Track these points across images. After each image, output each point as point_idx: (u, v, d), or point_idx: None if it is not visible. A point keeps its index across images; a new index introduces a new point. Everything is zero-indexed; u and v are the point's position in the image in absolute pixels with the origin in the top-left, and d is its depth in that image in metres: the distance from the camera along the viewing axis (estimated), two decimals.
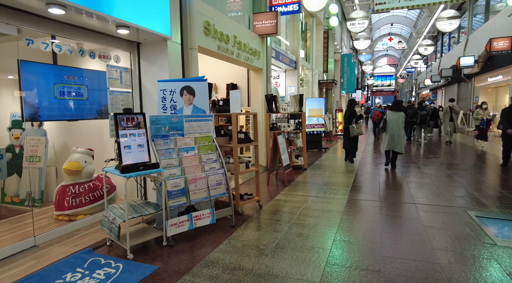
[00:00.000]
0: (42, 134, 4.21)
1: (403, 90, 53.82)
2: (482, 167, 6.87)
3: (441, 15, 17.64)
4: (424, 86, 32.52)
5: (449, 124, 11.23)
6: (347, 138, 7.61)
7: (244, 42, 6.13)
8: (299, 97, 6.97)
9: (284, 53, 9.14)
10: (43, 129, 4.23)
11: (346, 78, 22.24)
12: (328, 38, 14.73)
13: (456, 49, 21.51)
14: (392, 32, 38.59)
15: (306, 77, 13.36)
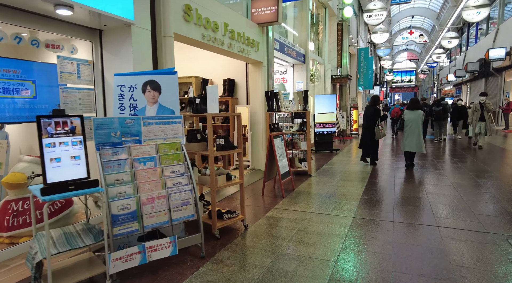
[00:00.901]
0: (3, 137, 3.63)
1: (424, 86, 51.48)
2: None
3: (468, 3, 16.23)
4: (447, 81, 30.65)
5: (479, 125, 9.14)
6: (366, 140, 7.01)
7: (238, 31, 5.37)
8: (303, 94, 6.15)
9: (291, 46, 8.30)
10: (5, 132, 3.64)
11: (363, 74, 21.06)
12: (342, 31, 13.72)
13: (484, 41, 19.88)
14: (413, 25, 36.68)
15: (318, 72, 12.44)
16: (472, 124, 9.38)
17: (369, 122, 6.98)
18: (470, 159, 7.64)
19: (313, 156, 8.81)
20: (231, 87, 6.64)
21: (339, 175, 6.20)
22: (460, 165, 6.94)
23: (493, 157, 7.83)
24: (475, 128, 9.26)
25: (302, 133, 6.32)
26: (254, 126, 6.62)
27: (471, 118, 9.40)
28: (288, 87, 9.83)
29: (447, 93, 35.82)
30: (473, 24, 24.19)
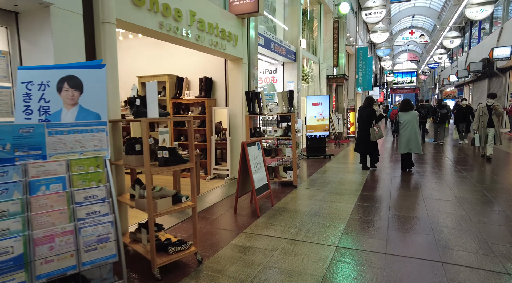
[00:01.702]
0: None
1: (425, 87, 50.73)
2: None
3: (471, 1, 15.53)
4: (448, 82, 29.92)
5: (487, 132, 7.55)
6: (363, 142, 6.75)
7: (210, 21, 4.65)
8: (288, 94, 5.43)
9: (279, 42, 7.59)
10: None
11: (362, 74, 20.32)
12: (338, 28, 13.01)
13: (487, 40, 19.14)
14: (413, 25, 35.96)
15: (313, 72, 11.73)
16: (479, 131, 7.72)
17: (365, 124, 6.66)
18: (476, 168, 6.90)
19: (304, 162, 8.09)
20: (209, 86, 5.92)
21: (329, 185, 5.48)
22: (465, 174, 6.20)
23: (501, 165, 7.09)
24: (482, 137, 7.68)
25: (288, 138, 5.59)
26: (234, 130, 5.90)
27: (477, 123, 7.72)
28: (278, 87, 9.11)
29: (448, 95, 35.09)
30: (475, 23, 23.48)
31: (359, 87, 20.78)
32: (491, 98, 7.56)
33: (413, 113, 6.42)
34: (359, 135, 6.95)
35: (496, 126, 7.48)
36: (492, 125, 7.53)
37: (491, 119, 7.51)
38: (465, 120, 10.75)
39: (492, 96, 7.60)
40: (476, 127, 7.80)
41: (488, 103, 7.58)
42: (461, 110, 10.85)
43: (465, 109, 10.78)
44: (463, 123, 10.89)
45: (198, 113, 6.03)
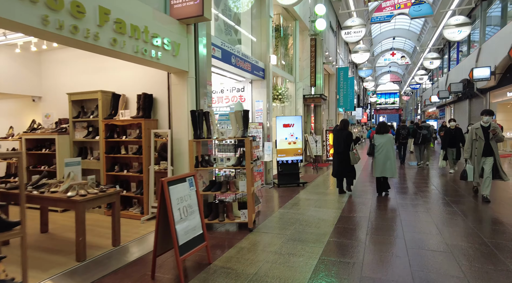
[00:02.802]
0: None
1: (408, 108, 51.32)
2: None
3: (449, 22, 15.40)
4: (430, 103, 29.99)
5: (483, 163, 5.62)
6: (340, 166, 6.55)
7: (136, 24, 3.68)
8: (242, 114, 4.44)
9: (242, 56, 6.71)
10: None
11: (343, 94, 19.87)
12: (315, 46, 12.40)
13: (466, 61, 19.09)
14: (394, 47, 36.54)
15: (288, 91, 10.93)
16: (472, 161, 5.78)
17: (344, 147, 6.47)
18: (467, 200, 5.98)
19: (275, 191, 7.03)
20: (148, 105, 4.88)
21: (293, 227, 4.41)
22: (455, 208, 5.26)
23: (501, 197, 6.21)
24: (477, 169, 5.71)
25: (240, 168, 4.55)
26: (178, 158, 4.83)
27: (469, 151, 5.81)
28: (247, 107, 8.17)
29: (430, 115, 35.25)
30: (453, 45, 23.70)
31: (340, 107, 20.25)
32: (487, 116, 5.60)
33: (388, 136, 6.34)
34: (336, 159, 6.70)
35: (496, 155, 5.52)
36: (491, 154, 5.52)
37: (489, 145, 5.54)
38: (454, 145, 8.90)
39: (488, 113, 5.64)
40: (468, 156, 5.84)
41: (484, 124, 5.63)
42: (449, 133, 9.02)
43: (454, 131, 8.93)
44: (452, 148, 8.97)
45: (136, 136, 4.95)
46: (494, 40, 15.03)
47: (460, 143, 8.76)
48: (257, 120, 8.03)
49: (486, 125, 5.60)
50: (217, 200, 5.16)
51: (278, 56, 10.62)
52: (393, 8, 16.97)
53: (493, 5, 16.12)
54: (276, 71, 9.55)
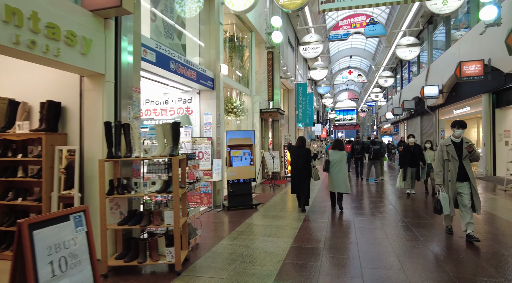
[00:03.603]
0: None
1: (365, 124, 53.51)
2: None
3: (401, 42, 16.00)
4: (385, 119, 31.26)
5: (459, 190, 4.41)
6: (299, 182, 6.52)
7: (18, 7, 2.78)
8: (171, 127, 3.63)
9: (184, 63, 5.94)
10: None
11: (302, 110, 19.77)
12: (273, 60, 12.02)
13: (416, 80, 20.05)
14: (351, 65, 38.05)
15: (244, 104, 10.30)
16: (445, 188, 4.50)
17: (304, 164, 6.51)
18: (428, 222, 5.59)
19: (224, 215, 6.19)
20: (54, 115, 3.88)
21: (233, 267, 3.59)
22: (416, 234, 4.79)
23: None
24: (452, 198, 4.42)
25: (167, 193, 3.68)
26: (90, 182, 3.84)
27: (441, 174, 4.54)
28: (194, 120, 7.35)
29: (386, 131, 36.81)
30: (405, 65, 25.00)
31: (300, 123, 20.11)
32: (460, 129, 4.37)
33: (342, 153, 6.60)
34: (295, 177, 6.64)
35: (471, 179, 4.34)
36: (466, 178, 4.34)
37: (463, 166, 4.34)
38: (414, 164, 7.94)
39: (461, 126, 4.38)
40: (440, 181, 4.53)
41: (455, 139, 4.43)
42: (408, 150, 8.03)
43: (413, 149, 8.00)
44: (412, 168, 8.00)
45: (37, 154, 3.90)
46: (440, 61, 15.83)
47: (420, 161, 7.92)
48: (206, 135, 7.22)
49: (458, 141, 4.42)
50: (145, 232, 4.23)
51: (233, 67, 10.02)
52: (350, 27, 17.35)
53: (438, 29, 17.11)
54: (229, 83, 8.89)
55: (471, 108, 13.56)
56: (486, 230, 4.87)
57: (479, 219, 5.44)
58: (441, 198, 4.46)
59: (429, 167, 7.90)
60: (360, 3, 7.76)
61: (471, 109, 13.59)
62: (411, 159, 7.95)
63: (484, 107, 11.67)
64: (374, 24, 16.45)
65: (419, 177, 8.00)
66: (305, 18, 17.50)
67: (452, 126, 4.51)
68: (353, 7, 7.88)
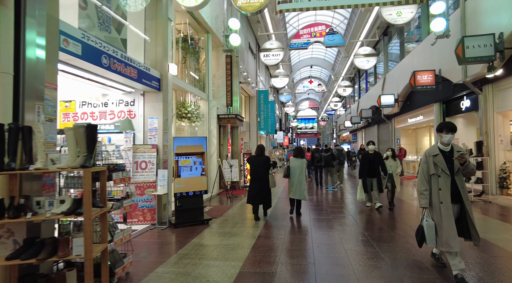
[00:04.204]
0: None
1: (325, 132, 54.92)
2: None
3: (359, 52, 16.36)
4: (344, 128, 32.11)
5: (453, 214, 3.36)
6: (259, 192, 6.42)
7: None
8: (85, 132, 2.87)
9: (121, 58, 5.16)
10: None
11: (264, 117, 19.46)
12: (231, 64, 11.50)
13: (373, 90, 20.71)
14: (312, 75, 38.91)
15: (199, 109, 9.60)
16: (432, 210, 3.49)
17: (264, 172, 6.48)
18: (387, 236, 5.28)
19: (169, 234, 5.41)
20: None
21: None
22: (381, 255, 4.42)
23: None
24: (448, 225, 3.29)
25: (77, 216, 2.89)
26: None
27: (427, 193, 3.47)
28: (137, 125, 6.52)
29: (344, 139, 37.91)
30: (362, 75, 25.89)
31: (261, 130, 19.76)
32: (450, 133, 3.34)
33: (302, 161, 6.73)
34: (255, 185, 6.46)
35: (465, 200, 3.36)
36: (459, 200, 3.37)
37: (455, 183, 3.35)
38: (374, 174, 7.22)
39: (450, 129, 3.34)
40: (426, 203, 3.44)
41: (443, 148, 3.42)
42: (367, 158, 7.31)
43: (373, 157, 7.28)
44: (372, 177, 7.28)
45: None
46: (395, 71, 16.39)
47: (378, 168, 7.22)
48: (151, 141, 6.42)
49: (448, 149, 3.37)
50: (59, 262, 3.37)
51: (187, 70, 9.32)
52: (310, 36, 17.46)
53: (393, 41, 17.80)
54: (182, 85, 8.18)
55: (424, 117, 14.05)
56: None
57: None
58: (425, 225, 3.41)
59: (390, 178, 7.27)
60: (317, 5, 7.53)
61: (424, 118, 14.08)
62: (370, 168, 7.28)
63: (435, 116, 12.08)
64: (334, 34, 16.69)
65: (381, 188, 7.21)
66: (266, 24, 17.31)
67: (438, 130, 3.46)
68: (310, 8, 7.63)
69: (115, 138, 6.53)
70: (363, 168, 7.42)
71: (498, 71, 7.35)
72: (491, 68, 7.27)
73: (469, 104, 9.83)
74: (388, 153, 7.46)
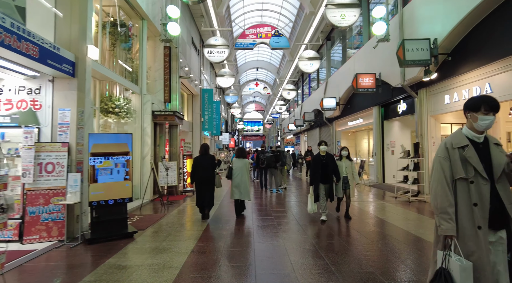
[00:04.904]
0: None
1: (270, 135, 55.68)
2: None
3: (303, 55, 16.46)
4: (288, 131, 32.61)
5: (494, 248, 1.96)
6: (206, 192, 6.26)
7: None
8: None
9: (16, 30, 3.97)
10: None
11: (208, 117, 18.57)
12: (170, 57, 10.46)
13: (316, 94, 21.17)
14: (258, 78, 38.99)
15: (130, 104, 8.43)
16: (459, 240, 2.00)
17: (210, 171, 6.34)
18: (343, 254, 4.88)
19: (81, 252, 4.31)
20: None
21: None
22: (329, 266, 3.95)
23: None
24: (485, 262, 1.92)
25: None
26: None
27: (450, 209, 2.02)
28: (44, 118, 5.25)
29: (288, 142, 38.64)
30: (306, 80, 26.48)
31: (205, 131, 18.83)
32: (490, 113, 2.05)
33: (245, 161, 6.69)
34: (201, 188, 6.28)
35: None
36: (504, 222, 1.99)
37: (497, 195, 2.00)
38: (328, 180, 6.08)
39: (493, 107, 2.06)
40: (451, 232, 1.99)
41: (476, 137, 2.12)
42: (319, 161, 6.07)
43: (325, 159, 6.09)
44: (326, 184, 6.10)
45: None
46: (337, 75, 16.83)
47: (331, 173, 6.10)
48: (61, 139, 5.20)
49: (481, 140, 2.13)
50: None
51: (115, 57, 8.10)
52: (256, 36, 17.09)
53: (336, 46, 18.33)
54: (108, 75, 7.00)
55: (363, 120, 14.54)
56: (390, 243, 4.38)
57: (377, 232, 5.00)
58: (454, 269, 1.92)
59: (345, 181, 6.40)
60: None
61: (363, 121, 14.57)
62: (323, 173, 6.05)
63: (374, 119, 12.49)
64: (279, 36, 16.55)
65: (332, 196, 6.13)
66: (210, 20, 16.50)
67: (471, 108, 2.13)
68: None
69: (11, 134, 5.17)
70: (315, 172, 6.10)
71: (433, 75, 7.61)
72: (427, 72, 7.49)
73: (405, 108, 10.25)
74: (343, 153, 6.63)
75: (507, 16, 6.02)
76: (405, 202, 8.18)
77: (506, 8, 6.04)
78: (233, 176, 6.58)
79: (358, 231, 5.26)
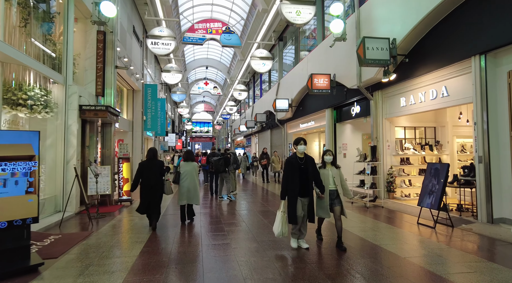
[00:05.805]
0: None
1: (220, 137, 54.49)
2: None
3: (255, 53, 15.81)
4: (239, 132, 31.88)
5: None
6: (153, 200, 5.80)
7: None
8: None
9: None
10: None
11: (151, 116, 16.93)
12: (105, 43, 8.93)
13: (268, 95, 20.74)
14: (208, 77, 37.66)
15: (49, 96, 6.84)
16: None
17: (158, 178, 5.92)
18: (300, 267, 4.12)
19: None
20: None
21: None
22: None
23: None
24: None
25: None
26: None
27: None
28: None
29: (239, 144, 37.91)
30: (257, 81, 26.01)
31: (148, 131, 17.16)
32: None
33: (193, 164, 6.43)
34: (147, 195, 5.84)
35: None
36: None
37: None
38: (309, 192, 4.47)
39: None
40: None
41: None
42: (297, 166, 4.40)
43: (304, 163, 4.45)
44: (304, 197, 4.42)
45: None
46: (289, 77, 16.50)
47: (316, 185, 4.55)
48: None
49: None
50: None
51: (28, 37, 6.48)
52: (205, 32, 16.03)
53: (288, 47, 18.04)
54: (15, 56, 5.45)
55: (315, 123, 14.33)
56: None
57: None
58: None
59: (333, 197, 4.63)
60: None
61: (315, 124, 14.37)
62: (302, 182, 4.38)
63: (327, 122, 12.27)
64: (230, 33, 15.71)
65: (312, 216, 4.51)
66: (155, 10, 15.01)
67: None
68: None
69: None
70: (290, 181, 4.39)
71: (393, 76, 7.40)
72: (387, 73, 7.25)
73: (359, 110, 10.09)
74: (327, 158, 4.78)
75: (464, 19, 5.94)
76: (361, 207, 7.86)
77: (464, 10, 5.95)
78: (180, 180, 6.31)
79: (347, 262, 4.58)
